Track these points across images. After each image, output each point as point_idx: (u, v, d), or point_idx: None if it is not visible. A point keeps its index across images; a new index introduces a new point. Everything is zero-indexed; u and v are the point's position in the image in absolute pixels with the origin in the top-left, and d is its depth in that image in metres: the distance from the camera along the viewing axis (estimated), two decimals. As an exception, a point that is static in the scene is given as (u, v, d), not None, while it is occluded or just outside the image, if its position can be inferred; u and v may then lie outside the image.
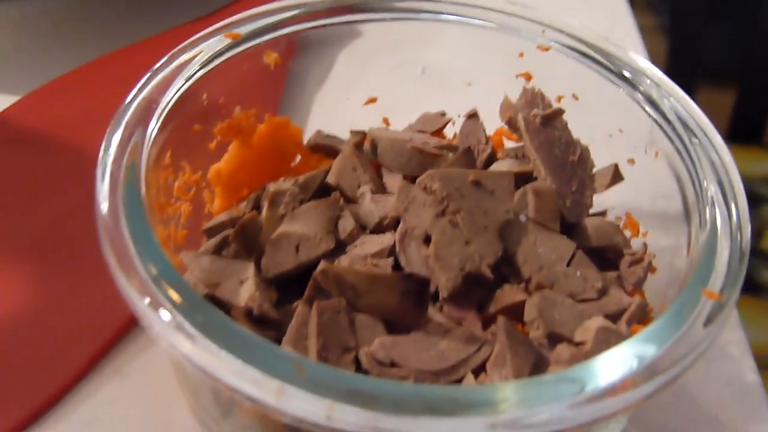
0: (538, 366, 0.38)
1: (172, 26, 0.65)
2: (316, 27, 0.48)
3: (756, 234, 1.19)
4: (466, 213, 0.41)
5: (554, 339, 0.39)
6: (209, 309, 0.35)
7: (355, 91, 0.53)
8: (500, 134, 0.50)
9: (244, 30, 0.46)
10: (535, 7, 0.49)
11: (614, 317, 0.40)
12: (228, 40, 0.46)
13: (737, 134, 1.32)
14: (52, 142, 0.56)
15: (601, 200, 0.47)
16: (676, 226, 0.43)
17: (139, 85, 0.43)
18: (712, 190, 0.41)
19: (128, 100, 0.42)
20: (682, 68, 1.27)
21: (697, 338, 0.35)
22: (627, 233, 0.46)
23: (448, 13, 0.49)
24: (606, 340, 0.38)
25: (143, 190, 0.39)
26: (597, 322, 0.39)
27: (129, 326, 0.48)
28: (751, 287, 1.12)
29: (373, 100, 0.52)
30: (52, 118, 0.58)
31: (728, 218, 0.40)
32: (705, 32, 1.28)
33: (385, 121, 0.52)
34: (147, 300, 0.35)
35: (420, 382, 0.37)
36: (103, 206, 0.37)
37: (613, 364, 0.34)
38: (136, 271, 0.36)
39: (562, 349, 0.38)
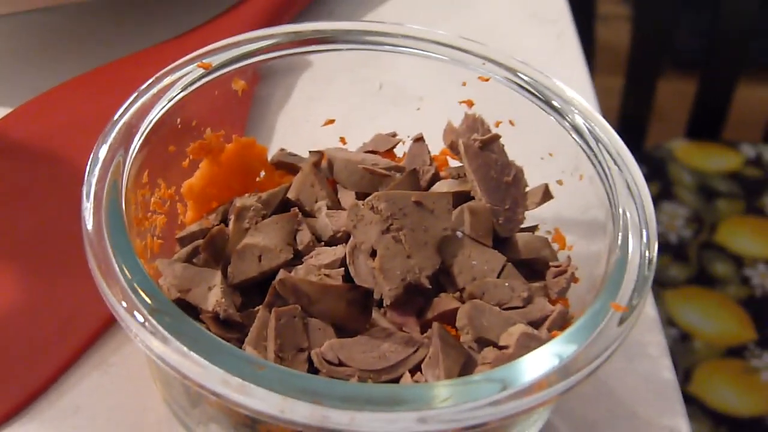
0: (466, 366, 0.41)
1: (154, 42, 0.66)
2: (278, 57, 0.50)
3: (711, 228, 1.21)
4: (408, 230, 0.43)
5: (482, 343, 0.42)
6: (179, 314, 0.37)
7: (315, 113, 0.55)
8: (445, 153, 0.52)
9: (215, 60, 0.48)
10: (478, 41, 0.51)
11: (537, 324, 0.43)
12: (201, 70, 0.48)
13: (697, 130, 1.32)
14: (40, 152, 0.57)
15: (533, 216, 0.50)
16: (597, 240, 0.46)
17: (122, 108, 0.45)
18: (627, 213, 0.44)
19: (112, 121, 0.44)
20: (647, 58, 1.27)
21: (610, 339, 0.38)
22: (555, 246, 0.49)
23: (403, 46, 0.51)
24: (527, 345, 0.40)
25: (123, 207, 0.41)
26: (520, 328, 0.42)
27: (109, 323, 0.50)
28: (706, 280, 1.14)
29: (331, 122, 0.54)
30: (41, 130, 0.58)
31: (639, 238, 0.43)
32: (671, 22, 1.26)
33: (342, 140, 0.54)
34: (124, 304, 0.37)
35: (363, 380, 0.40)
36: (89, 222, 0.40)
37: (535, 363, 0.37)
38: (116, 279, 0.38)
39: (488, 352, 0.41)
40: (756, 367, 1.06)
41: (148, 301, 0.38)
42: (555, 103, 0.49)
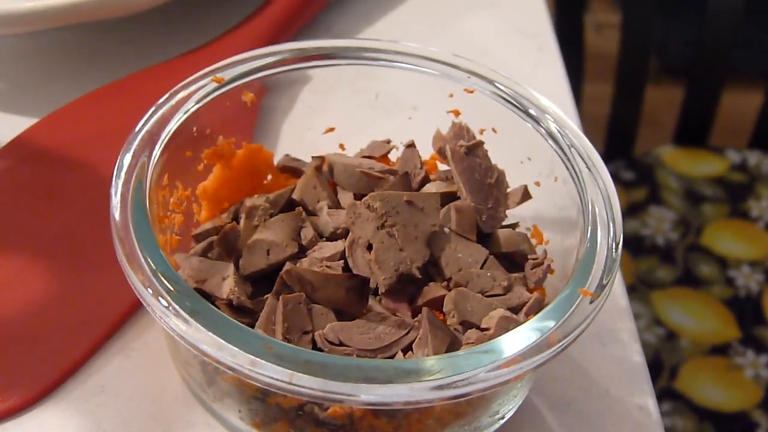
0: (452, 346, 0.44)
1: (165, 58, 0.68)
2: (283, 71, 0.53)
3: (697, 231, 1.22)
4: (401, 226, 0.46)
5: (466, 325, 0.45)
6: (198, 298, 0.41)
7: (316, 121, 0.57)
8: (435, 158, 0.55)
9: (227, 75, 0.51)
10: (465, 57, 0.54)
11: (516, 309, 0.47)
12: (214, 84, 0.51)
13: (683, 136, 1.34)
14: (64, 159, 0.59)
15: (514, 214, 0.53)
16: (570, 235, 0.49)
17: (144, 118, 0.48)
18: (596, 209, 0.47)
19: (135, 131, 0.48)
20: (635, 65, 1.29)
21: (583, 315, 0.42)
22: (533, 241, 0.52)
23: (397, 61, 0.54)
24: (506, 327, 0.44)
25: (147, 205, 0.45)
26: (500, 312, 0.45)
27: (131, 312, 0.53)
28: (692, 281, 1.16)
29: (331, 130, 0.56)
30: (66, 138, 0.61)
31: (607, 232, 0.46)
32: (659, 31, 1.24)
33: (341, 146, 0.56)
34: (150, 290, 0.41)
35: (361, 358, 0.43)
36: (117, 216, 0.44)
37: (515, 340, 0.41)
38: (141, 268, 0.42)
39: (471, 333, 0.45)
40: (740, 364, 1.09)
41: (171, 287, 0.41)
42: (532, 112, 0.52)
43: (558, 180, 0.51)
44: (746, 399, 1.07)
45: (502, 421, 0.48)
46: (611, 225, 0.47)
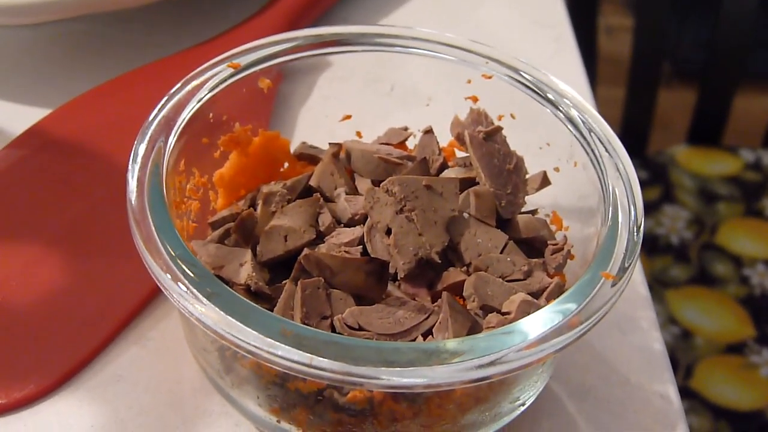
0: (473, 330, 0.44)
1: (180, 48, 0.68)
2: (300, 58, 0.53)
3: (711, 230, 1.22)
4: (420, 211, 0.46)
5: (486, 310, 0.45)
6: (217, 282, 0.40)
7: (333, 109, 0.57)
8: (453, 145, 0.55)
9: (243, 61, 0.51)
10: (482, 43, 0.54)
11: (536, 294, 0.46)
12: (230, 69, 0.50)
13: (698, 135, 1.34)
14: (79, 148, 0.60)
15: (532, 200, 0.52)
16: (591, 221, 0.49)
17: (159, 104, 0.48)
18: (617, 193, 0.47)
19: (151, 117, 0.47)
20: (648, 67, 1.29)
21: (604, 299, 0.42)
22: (553, 227, 0.52)
23: (414, 47, 0.54)
24: (527, 311, 0.44)
25: (164, 190, 0.44)
26: (521, 296, 0.45)
27: (147, 301, 0.53)
28: (707, 279, 1.15)
29: (348, 117, 0.56)
30: (80, 128, 0.61)
31: (628, 215, 0.46)
32: (672, 33, 1.24)
33: (358, 134, 0.56)
34: (169, 275, 0.41)
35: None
36: (133, 202, 0.43)
37: (536, 322, 0.40)
38: (159, 253, 0.41)
39: (492, 317, 0.44)
40: (755, 363, 1.09)
41: (189, 272, 0.41)
42: (551, 97, 0.52)
43: (578, 165, 0.51)
44: (762, 397, 1.06)
45: (522, 408, 0.48)
46: (632, 208, 0.47)
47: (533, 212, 0.53)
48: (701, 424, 1.04)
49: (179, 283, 0.40)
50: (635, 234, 0.45)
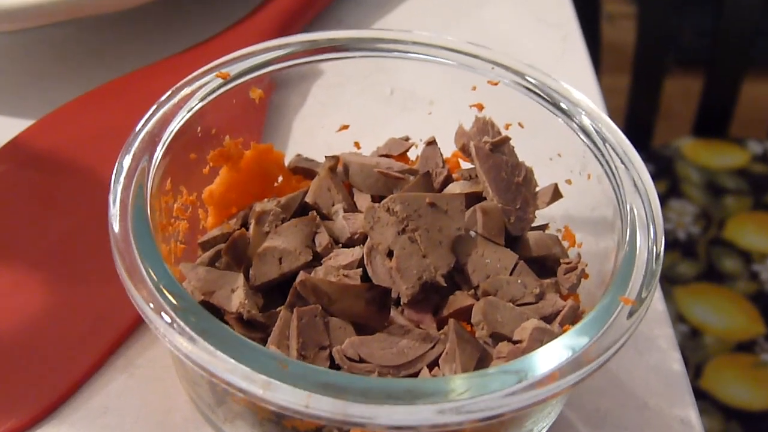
0: (482, 361, 0.42)
1: (167, 55, 0.67)
2: (293, 66, 0.51)
3: (719, 224, 1.21)
4: (423, 230, 0.44)
5: (497, 338, 0.43)
6: (205, 314, 0.38)
7: (329, 119, 0.55)
8: (457, 156, 0.53)
9: (232, 70, 0.49)
10: (486, 46, 0.52)
11: (549, 318, 0.44)
12: (219, 80, 0.48)
13: (703, 127, 1.33)
14: (63, 163, 0.58)
15: (543, 215, 0.50)
16: (606, 237, 0.46)
17: (144, 118, 0.46)
18: (635, 209, 0.45)
19: (135, 131, 0.45)
20: (652, 57, 1.28)
21: (620, 331, 0.39)
22: (565, 244, 0.50)
23: (413, 52, 0.52)
24: (540, 339, 0.42)
25: (149, 213, 0.42)
26: (533, 323, 0.43)
27: (135, 327, 0.51)
28: (715, 276, 1.14)
29: (345, 127, 0.54)
30: (64, 141, 0.59)
31: (646, 234, 0.43)
32: (676, 21, 1.25)
33: (356, 144, 0.54)
34: (152, 305, 0.38)
35: (383, 376, 0.41)
36: (116, 227, 0.41)
37: (549, 356, 0.38)
38: (143, 281, 0.39)
39: (503, 347, 0.42)
40: (766, 361, 1.07)
41: (175, 302, 0.39)
42: (562, 105, 0.50)
43: (591, 177, 0.48)
44: (774, 397, 1.04)
45: (535, 439, 0.45)
46: (651, 226, 0.44)
47: (544, 227, 0.51)
48: (712, 426, 1.02)
49: (163, 314, 0.38)
50: (654, 261, 0.43)
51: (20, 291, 0.52)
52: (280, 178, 0.53)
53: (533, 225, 0.50)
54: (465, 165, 0.53)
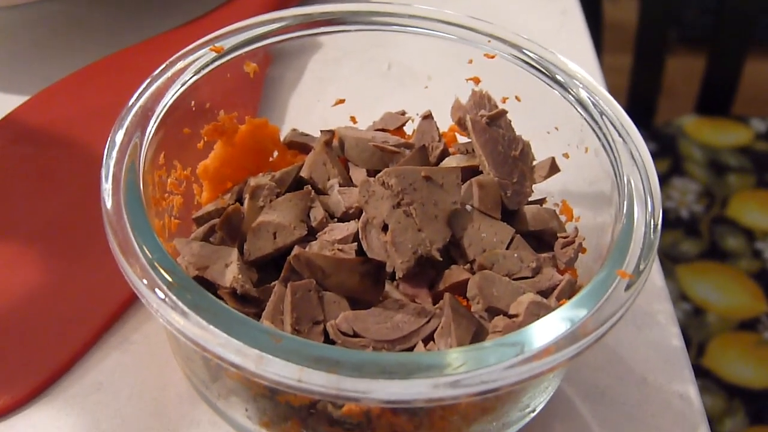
0: (477, 335, 0.42)
1: (163, 30, 0.66)
2: (289, 39, 0.50)
3: (722, 203, 1.21)
4: (419, 204, 0.44)
5: (492, 312, 0.43)
6: (198, 289, 0.38)
7: (325, 93, 0.55)
8: (454, 130, 0.52)
9: (227, 43, 0.48)
10: (484, 19, 0.51)
11: (546, 293, 0.44)
12: (213, 53, 0.48)
13: (706, 105, 1.32)
14: (57, 138, 0.58)
15: (540, 189, 0.50)
16: (603, 211, 0.46)
17: (137, 93, 0.46)
18: (632, 182, 0.44)
19: (128, 106, 0.45)
20: (655, 35, 1.27)
21: (618, 304, 0.39)
22: (563, 218, 0.49)
23: (410, 26, 0.51)
24: (536, 313, 0.41)
25: (141, 188, 0.42)
26: (529, 297, 0.42)
27: (130, 303, 0.51)
28: (718, 254, 1.13)
29: (341, 101, 0.54)
30: (58, 117, 0.59)
31: (644, 207, 0.43)
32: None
33: (353, 119, 0.54)
34: (145, 281, 0.38)
35: (378, 350, 0.40)
36: (108, 202, 0.41)
37: (546, 329, 0.38)
38: (136, 258, 0.39)
39: (499, 321, 0.42)
40: (769, 339, 1.06)
41: (168, 277, 0.38)
42: (559, 78, 0.49)
43: (589, 151, 0.48)
44: (777, 375, 1.04)
45: (532, 415, 0.45)
46: (649, 199, 0.44)
47: (541, 202, 0.51)
48: (715, 404, 1.02)
49: (157, 290, 0.38)
50: (651, 232, 0.42)
51: (15, 267, 0.52)
52: (276, 153, 0.53)
53: (530, 199, 0.49)
54: (462, 139, 0.53)
